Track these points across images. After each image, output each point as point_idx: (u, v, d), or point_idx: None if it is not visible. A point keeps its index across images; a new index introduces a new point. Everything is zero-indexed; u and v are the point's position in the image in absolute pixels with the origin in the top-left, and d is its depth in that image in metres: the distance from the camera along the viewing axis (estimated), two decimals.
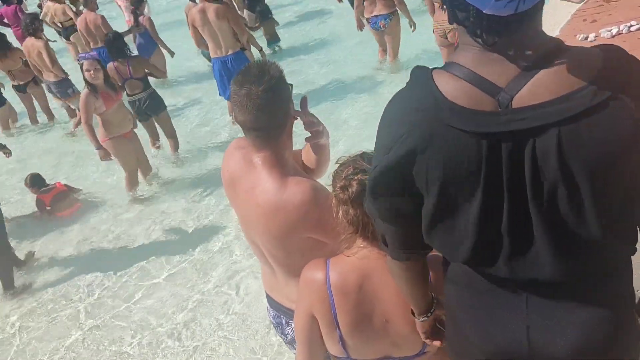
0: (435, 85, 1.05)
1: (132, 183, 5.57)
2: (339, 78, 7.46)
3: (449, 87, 1.04)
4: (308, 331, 1.65)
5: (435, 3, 5.89)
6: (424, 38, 7.06)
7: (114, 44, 5.72)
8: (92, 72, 4.88)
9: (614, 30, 3.29)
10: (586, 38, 3.31)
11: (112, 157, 5.25)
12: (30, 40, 6.95)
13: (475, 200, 1.06)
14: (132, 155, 5.42)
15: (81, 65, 4.98)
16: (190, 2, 7.32)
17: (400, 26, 6.85)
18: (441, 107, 1.02)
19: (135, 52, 7.59)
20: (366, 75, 7.37)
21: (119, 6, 8.94)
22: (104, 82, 4.98)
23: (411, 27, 6.77)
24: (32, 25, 6.95)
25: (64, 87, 7.34)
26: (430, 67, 1.12)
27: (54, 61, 6.98)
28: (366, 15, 6.84)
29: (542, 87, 0.98)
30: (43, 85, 7.68)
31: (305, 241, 1.80)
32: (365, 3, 6.71)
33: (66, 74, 7.37)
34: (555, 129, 0.97)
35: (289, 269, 1.92)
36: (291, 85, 1.83)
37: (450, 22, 1.07)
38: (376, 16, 6.70)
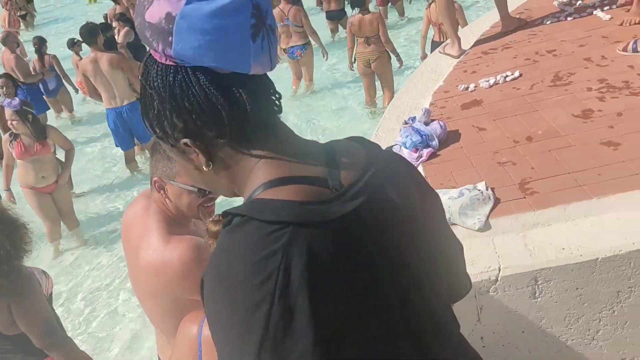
0: (269, 206, 0.89)
1: (51, 235, 5.37)
2: None
3: (283, 196, 0.89)
4: None
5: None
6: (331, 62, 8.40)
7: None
8: (10, 121, 4.78)
9: (492, 81, 3.45)
10: (467, 88, 3.45)
11: (15, 205, 4.98)
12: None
13: (367, 290, 0.91)
14: (44, 209, 5.20)
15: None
16: (76, 56, 7.31)
17: (314, 56, 7.76)
18: (295, 212, 0.87)
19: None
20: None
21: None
22: (29, 134, 4.82)
23: (324, 57, 7.68)
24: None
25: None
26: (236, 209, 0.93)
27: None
28: (283, 46, 7.51)
29: (350, 170, 0.96)
30: None
31: (185, 303, 1.68)
32: (281, 36, 7.38)
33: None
34: (388, 187, 0.98)
35: (169, 332, 1.80)
36: None
37: (199, 145, 0.90)
38: (292, 47, 7.61)
